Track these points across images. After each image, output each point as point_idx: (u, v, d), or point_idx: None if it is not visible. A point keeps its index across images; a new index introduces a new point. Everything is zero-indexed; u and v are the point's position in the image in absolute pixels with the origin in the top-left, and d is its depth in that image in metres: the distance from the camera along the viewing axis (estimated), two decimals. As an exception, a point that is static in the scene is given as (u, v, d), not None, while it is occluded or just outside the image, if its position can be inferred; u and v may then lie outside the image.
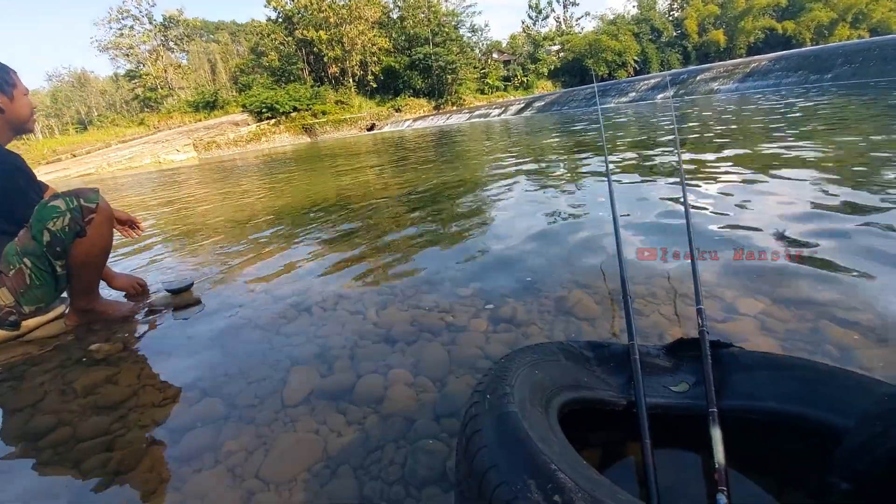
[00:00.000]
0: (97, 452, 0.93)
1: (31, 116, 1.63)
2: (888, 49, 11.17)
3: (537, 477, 0.43)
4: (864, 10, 42.09)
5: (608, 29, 46.55)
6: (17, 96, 1.56)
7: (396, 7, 43.35)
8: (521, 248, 1.86)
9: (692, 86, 14.96)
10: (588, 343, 0.86)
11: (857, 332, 1.00)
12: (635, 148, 4.59)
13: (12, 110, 1.55)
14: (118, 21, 36.53)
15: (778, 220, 1.80)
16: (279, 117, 34.33)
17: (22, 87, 1.59)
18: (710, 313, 1.13)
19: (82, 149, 26.64)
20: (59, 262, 1.46)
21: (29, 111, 1.61)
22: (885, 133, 3.50)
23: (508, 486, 0.44)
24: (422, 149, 8.98)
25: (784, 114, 5.70)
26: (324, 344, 1.27)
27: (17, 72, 1.59)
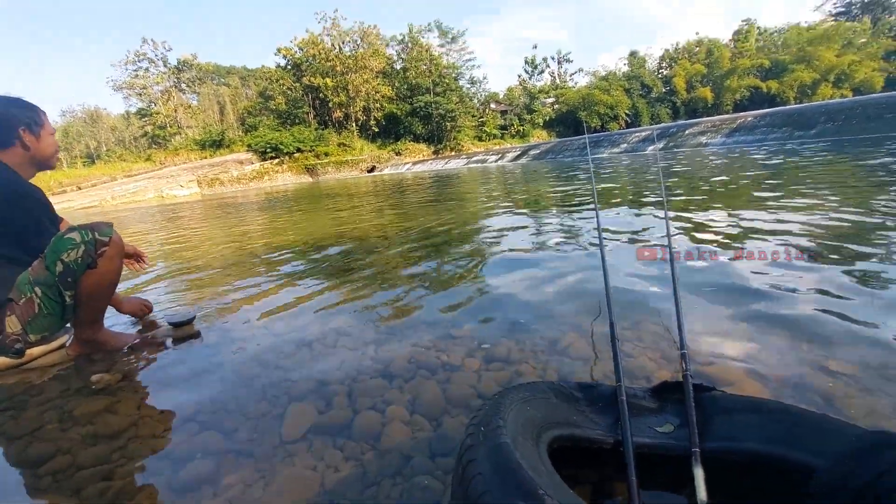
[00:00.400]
0: (96, 481, 0.95)
1: (54, 154, 1.73)
2: (870, 108, 11.80)
3: (527, 500, 0.47)
4: (846, 71, 44.54)
5: (600, 84, 49.00)
6: (44, 136, 1.66)
7: (400, 59, 45.66)
8: (515, 291, 1.92)
9: (682, 139, 15.59)
10: (577, 384, 0.91)
11: (840, 382, 1.05)
12: (625, 197, 4.76)
13: (38, 149, 1.64)
14: (134, 63, 38.17)
15: (763, 269, 1.88)
16: (283, 157, 35.22)
17: (49, 128, 1.69)
18: (695, 357, 1.18)
19: (88, 182, 27.07)
20: (69, 293, 1.51)
21: (53, 150, 1.71)
22: (872, 191, 3.67)
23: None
24: (420, 191, 9.22)
25: (770, 168, 5.96)
26: (322, 380, 1.30)
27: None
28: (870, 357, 1.14)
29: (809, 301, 1.51)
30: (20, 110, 1.60)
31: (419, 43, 44.27)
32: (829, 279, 1.69)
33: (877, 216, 2.60)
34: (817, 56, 45.35)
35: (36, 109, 1.66)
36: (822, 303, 1.48)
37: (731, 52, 50.78)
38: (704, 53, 50.63)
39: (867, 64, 44.13)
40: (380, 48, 43.41)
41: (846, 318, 1.36)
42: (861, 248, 2.02)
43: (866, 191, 3.65)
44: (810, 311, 1.43)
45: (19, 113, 1.59)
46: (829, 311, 1.41)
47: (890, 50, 44.39)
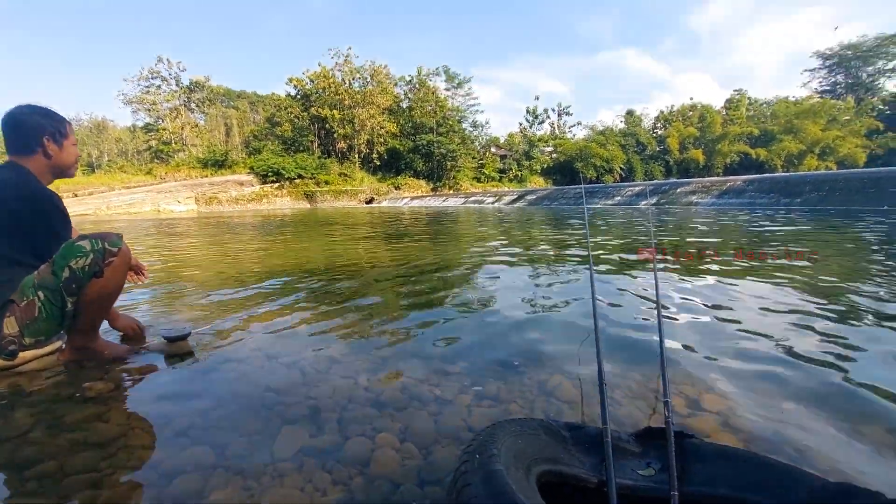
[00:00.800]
0: (84, 488, 0.95)
1: (74, 164, 1.79)
2: (853, 182, 12.35)
3: (517, 521, 0.51)
4: (830, 145, 46.81)
5: (597, 138, 50.90)
6: (66, 146, 1.73)
7: (407, 98, 47.29)
8: (507, 331, 1.97)
9: (673, 196, 16.09)
10: (566, 423, 0.95)
11: (811, 437, 1.10)
12: (617, 248, 4.89)
13: (60, 158, 1.70)
14: (147, 80, 39.09)
15: (745, 328, 1.95)
16: (283, 182, 35.66)
17: (72, 138, 1.76)
18: (677, 407, 1.23)
19: (85, 190, 27.05)
20: (72, 299, 1.53)
21: (73, 159, 1.78)
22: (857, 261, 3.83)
23: (493, 528, 0.51)
24: (417, 226, 9.35)
25: (758, 231, 6.17)
26: (314, 405, 1.32)
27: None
28: (840, 416, 1.19)
29: (786, 359, 1.57)
30: (46, 119, 1.67)
31: (426, 85, 46.03)
32: (807, 339, 1.76)
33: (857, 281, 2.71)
34: (804, 129, 47.76)
35: (62, 120, 1.73)
36: (798, 361, 1.55)
37: (723, 118, 53.33)
38: (697, 118, 53.08)
39: (850, 140, 46.49)
40: (388, 86, 45.00)
41: (820, 375, 1.42)
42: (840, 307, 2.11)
43: (849, 257, 3.80)
44: (785, 369, 1.49)
45: (45, 122, 1.66)
46: (804, 370, 1.47)
47: (872, 129, 46.90)
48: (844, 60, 54.79)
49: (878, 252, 4.05)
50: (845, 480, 0.69)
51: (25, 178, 1.60)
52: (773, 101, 56.96)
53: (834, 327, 1.93)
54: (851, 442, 1.09)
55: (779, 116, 51.96)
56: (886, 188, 11.18)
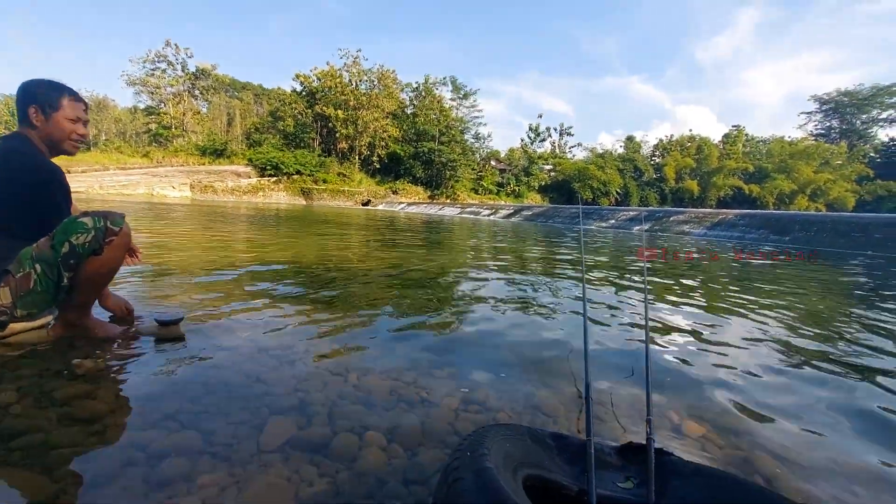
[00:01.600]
0: (69, 462, 0.96)
1: (65, 139, 1.69)
2: (841, 225, 12.63)
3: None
4: (821, 187, 47.96)
5: (596, 160, 51.62)
6: (56, 118, 1.63)
7: (412, 104, 47.65)
8: (496, 341, 2.00)
9: (666, 224, 16.32)
10: (552, 433, 0.98)
11: (782, 465, 1.14)
12: (609, 269, 4.95)
13: (46, 130, 1.63)
14: (153, 62, 38.96)
15: (729, 355, 2.00)
16: (281, 176, 35.56)
17: (68, 112, 1.66)
18: (659, 430, 1.26)
19: (78, 167, 26.72)
20: (68, 274, 1.53)
21: (63, 134, 1.67)
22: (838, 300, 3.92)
23: (482, 522, 0.54)
24: (412, 232, 9.38)
25: (746, 268, 6.29)
26: (304, 398, 1.33)
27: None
28: (811, 447, 1.23)
29: (765, 387, 1.62)
30: (40, 90, 1.62)
31: (432, 93, 46.45)
32: (782, 369, 1.81)
33: (840, 324, 2.78)
34: (797, 169, 48.89)
35: (57, 90, 1.65)
36: (776, 392, 1.59)
37: (720, 152, 54.39)
38: (695, 149, 54.07)
39: (841, 184, 47.65)
40: (394, 91, 45.36)
41: (794, 406, 1.46)
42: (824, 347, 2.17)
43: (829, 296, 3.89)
44: (763, 398, 1.54)
45: (37, 92, 1.61)
46: (783, 398, 1.52)
47: (863, 175, 48.12)
48: (840, 106, 56.39)
49: (855, 296, 4.15)
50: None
51: (28, 149, 1.59)
52: (770, 139, 58.29)
53: (813, 360, 1.98)
54: (818, 473, 1.13)
55: (773, 155, 53.16)
56: (872, 234, 11.46)
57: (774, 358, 2.03)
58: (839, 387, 1.72)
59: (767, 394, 1.61)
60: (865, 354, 2.15)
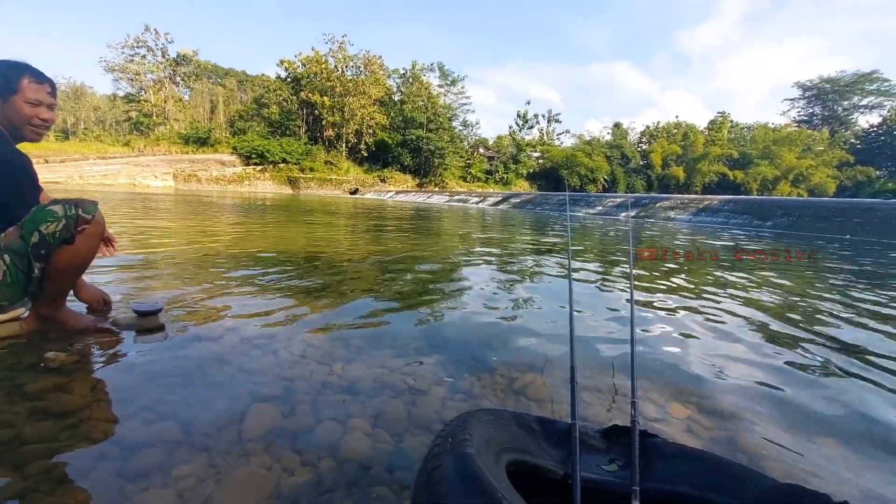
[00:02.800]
0: (41, 458, 0.92)
1: (25, 124, 1.57)
2: (821, 210, 12.88)
3: (486, 500, 0.52)
4: (803, 173, 48.81)
5: (584, 147, 51.72)
6: (14, 101, 1.52)
7: (399, 91, 47.06)
8: (483, 328, 1.99)
9: (652, 210, 16.47)
10: (537, 417, 0.97)
11: (765, 444, 1.15)
12: (595, 256, 4.98)
13: (3, 114, 1.52)
14: (132, 48, 37.76)
15: (708, 339, 2.02)
16: (266, 165, 34.99)
17: (27, 94, 1.54)
18: (644, 411, 1.27)
19: (56, 157, 25.97)
20: (39, 265, 1.47)
21: (22, 119, 1.55)
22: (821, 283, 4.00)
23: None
24: (400, 220, 9.32)
25: (730, 248, 6.38)
26: (288, 387, 1.31)
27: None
28: (793, 427, 1.25)
29: (749, 368, 1.64)
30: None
31: (420, 80, 45.88)
32: (765, 351, 1.84)
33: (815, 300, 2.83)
34: (780, 155, 49.59)
35: (16, 70, 1.53)
36: (758, 374, 1.61)
37: (706, 138, 54.85)
38: (681, 135, 54.45)
39: (822, 170, 48.52)
40: (381, 77, 44.68)
41: (776, 387, 1.48)
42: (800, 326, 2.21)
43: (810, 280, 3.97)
44: (746, 380, 1.56)
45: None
46: (766, 379, 1.54)
47: (843, 161, 49.03)
48: (822, 93, 57.12)
49: (837, 278, 4.24)
50: (796, 483, 0.73)
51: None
52: (754, 126, 58.90)
53: (794, 341, 2.02)
54: (801, 452, 1.15)
55: (757, 141, 53.79)
56: (851, 218, 11.70)
57: (759, 341, 2.06)
58: (823, 368, 1.75)
59: (752, 376, 1.63)
60: (849, 334, 2.19)
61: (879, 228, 10.63)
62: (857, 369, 1.74)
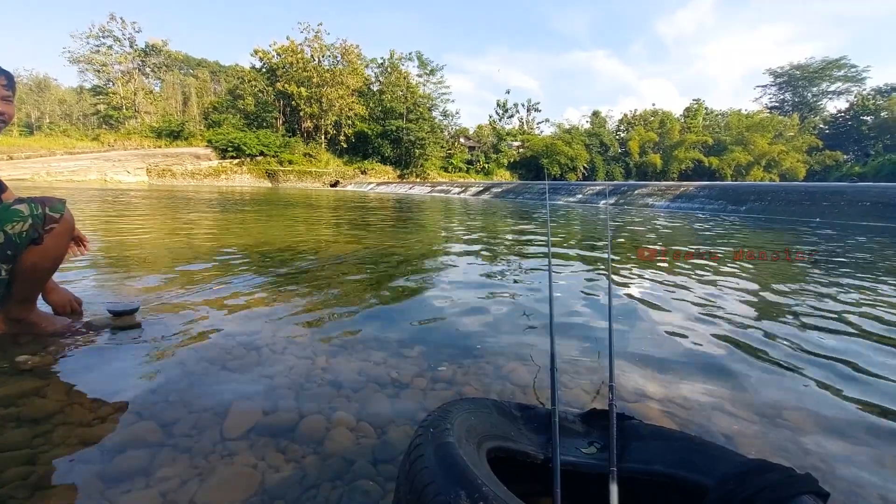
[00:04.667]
0: (17, 465, 0.90)
1: None
2: (793, 194, 13.29)
3: (467, 489, 0.54)
4: (775, 158, 50.17)
5: (563, 136, 51.99)
6: None
7: (378, 81, 46.39)
8: (465, 318, 2.01)
9: (631, 198, 16.73)
10: (517, 404, 0.99)
11: (737, 422, 1.20)
12: (576, 244, 5.05)
13: None
14: (98, 38, 36.22)
15: (686, 320, 2.08)
16: (244, 158, 34.23)
17: None
18: (621, 390, 1.31)
19: (21, 153, 24.87)
20: (6, 266, 1.43)
21: None
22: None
23: (444, 496, 0.54)
24: (382, 211, 9.25)
25: (707, 234, 6.55)
26: (270, 384, 1.30)
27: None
28: (764, 405, 1.30)
29: (721, 351, 1.70)
30: None
31: (398, 69, 45.31)
32: (744, 333, 1.90)
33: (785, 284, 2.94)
34: (753, 141, 50.80)
35: None
36: (736, 355, 1.68)
37: (681, 125, 55.77)
38: (658, 123, 55.21)
39: (793, 155, 49.93)
40: (359, 67, 43.94)
41: (753, 366, 1.55)
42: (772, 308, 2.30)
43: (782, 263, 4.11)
44: (724, 360, 1.62)
45: None
46: (740, 362, 1.60)
47: (813, 146, 50.53)
48: (793, 79, 58.55)
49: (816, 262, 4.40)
50: (762, 458, 0.77)
51: None
52: (728, 112, 60.10)
53: (769, 326, 2.09)
54: (771, 430, 1.20)
55: (731, 128, 54.92)
56: (820, 202, 12.12)
57: (735, 325, 2.13)
58: (797, 347, 1.82)
59: (727, 357, 1.69)
60: (823, 317, 2.29)
61: (846, 211, 11.04)
62: (828, 350, 1.82)
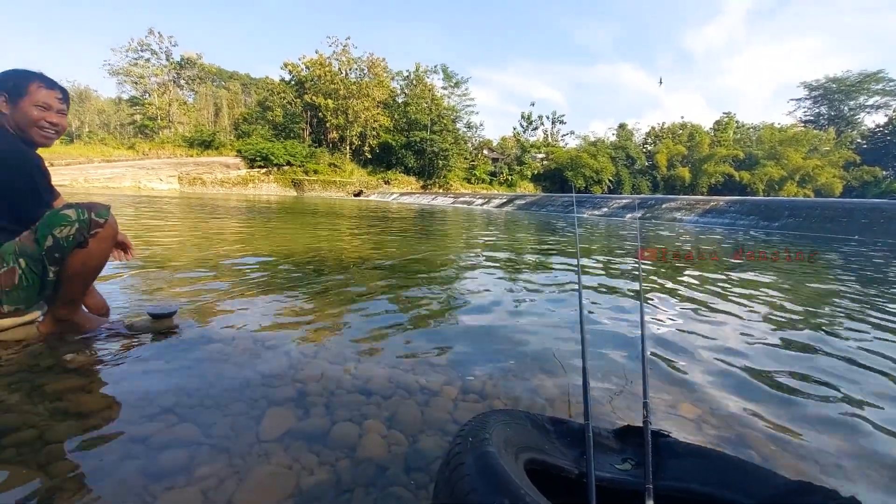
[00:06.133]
0: (65, 458, 0.95)
1: (32, 126, 1.58)
2: (829, 210, 12.79)
3: (510, 498, 0.54)
4: (810, 173, 48.39)
5: (589, 149, 51.55)
6: (23, 105, 1.55)
7: (403, 93, 47.13)
8: (493, 329, 2.00)
9: (658, 212, 16.42)
10: (550, 417, 0.98)
11: (776, 443, 1.16)
12: (604, 258, 4.98)
13: (12, 118, 1.55)
14: (136, 52, 38.06)
15: (716, 340, 2.02)
16: (271, 167, 35.16)
17: (35, 97, 1.56)
18: (655, 412, 1.28)
19: (62, 160, 26.19)
20: (54, 268, 1.50)
21: (29, 122, 1.57)
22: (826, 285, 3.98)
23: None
24: (405, 222, 9.34)
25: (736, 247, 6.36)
26: (301, 389, 1.32)
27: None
28: (803, 425, 1.25)
29: (758, 369, 1.64)
30: (6, 76, 1.55)
31: (423, 81, 45.98)
32: (776, 351, 1.84)
33: (823, 305, 2.83)
34: (786, 156, 49.25)
35: (25, 77, 1.57)
36: (769, 372, 1.62)
37: (711, 139, 54.60)
38: (687, 136, 54.24)
39: (829, 170, 48.09)
40: (385, 80, 44.79)
41: (786, 385, 1.49)
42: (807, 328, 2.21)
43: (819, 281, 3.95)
44: (757, 378, 1.56)
45: (4, 79, 1.54)
46: (773, 380, 1.54)
47: (850, 161, 48.65)
48: (828, 93, 56.73)
49: (847, 279, 4.22)
50: (803, 479, 0.74)
51: (9, 141, 1.54)
52: (760, 126, 58.60)
53: (801, 345, 2.02)
54: (811, 452, 1.15)
55: (764, 142, 53.45)
56: (858, 219, 11.63)
57: (768, 342, 2.06)
58: (831, 369, 1.75)
59: (761, 376, 1.63)
60: (857, 339, 2.19)
61: (886, 228, 10.56)
62: (863, 375, 1.74)
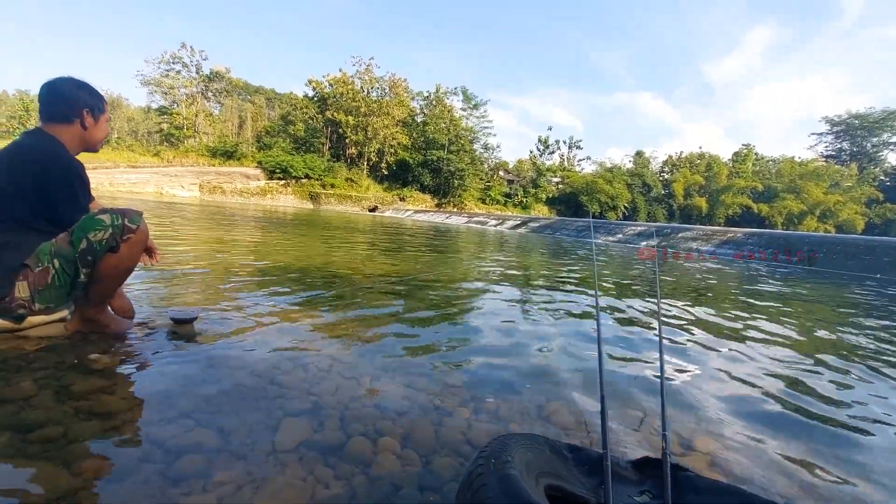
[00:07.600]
0: (89, 457, 0.96)
1: (103, 140, 1.83)
2: (850, 247, 12.48)
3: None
4: (831, 208, 47.52)
5: (605, 174, 51.59)
6: (101, 122, 1.77)
7: (422, 113, 48.02)
8: (508, 353, 1.99)
9: (674, 241, 16.24)
10: (568, 444, 0.98)
11: (794, 481, 1.12)
12: (620, 286, 4.93)
13: (93, 132, 1.74)
14: (168, 63, 39.61)
15: (740, 374, 1.98)
16: (289, 180, 35.87)
17: (107, 115, 1.81)
18: (673, 445, 1.25)
19: (89, 164, 27.04)
20: (85, 270, 1.55)
21: (104, 136, 1.81)
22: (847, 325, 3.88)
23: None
24: (419, 239, 9.40)
25: (755, 284, 6.24)
26: (317, 402, 1.33)
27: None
28: (824, 461, 1.21)
29: (778, 404, 1.60)
30: (86, 93, 1.71)
31: (443, 102, 46.83)
32: (798, 386, 1.79)
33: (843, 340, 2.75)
34: (806, 190, 48.53)
35: (100, 97, 1.78)
36: (789, 406, 1.58)
37: (729, 170, 54.23)
38: (704, 166, 53.99)
39: (851, 206, 47.20)
40: (405, 99, 45.73)
41: (811, 420, 1.45)
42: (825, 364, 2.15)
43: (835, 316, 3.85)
44: (777, 412, 1.52)
45: (86, 95, 1.70)
46: (795, 414, 1.50)
47: (872, 198, 47.75)
48: (851, 128, 56.18)
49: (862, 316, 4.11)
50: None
51: (54, 147, 1.62)
52: (779, 159, 58.08)
53: (818, 379, 1.96)
54: (831, 492, 1.11)
55: (783, 175, 52.86)
56: (881, 257, 11.35)
57: (787, 376, 2.01)
58: (862, 409, 1.70)
59: (781, 412, 1.59)
60: (881, 377, 2.13)
61: (911, 268, 10.28)
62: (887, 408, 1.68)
